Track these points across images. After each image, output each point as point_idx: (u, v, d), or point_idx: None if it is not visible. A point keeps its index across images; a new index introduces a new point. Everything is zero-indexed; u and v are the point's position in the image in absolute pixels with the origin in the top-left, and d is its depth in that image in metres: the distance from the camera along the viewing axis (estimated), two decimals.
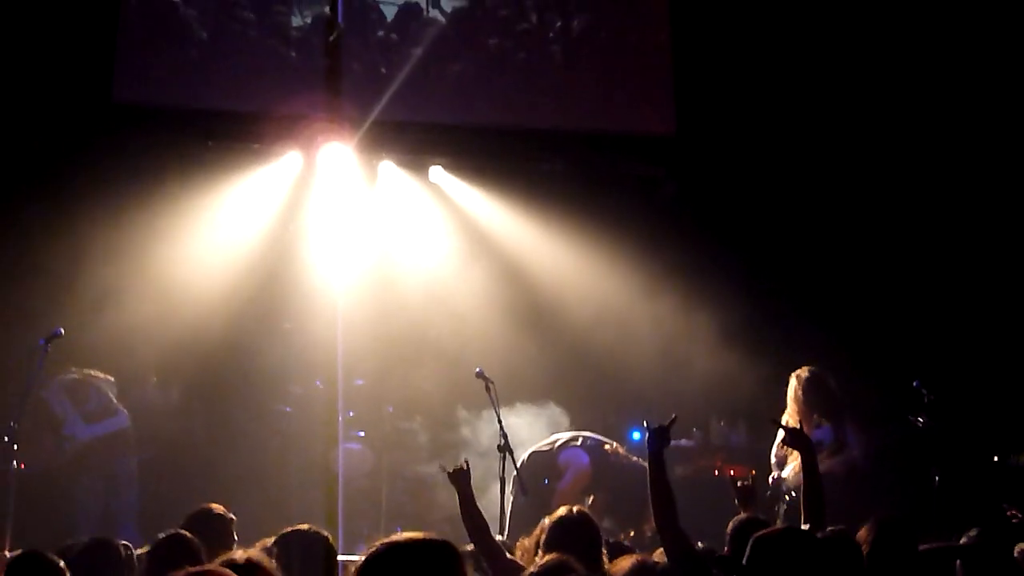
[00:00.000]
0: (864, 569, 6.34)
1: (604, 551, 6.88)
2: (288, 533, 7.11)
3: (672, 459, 11.71)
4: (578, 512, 7.12)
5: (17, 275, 12.24)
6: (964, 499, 11.03)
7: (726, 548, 6.78)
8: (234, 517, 7.43)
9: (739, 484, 7.74)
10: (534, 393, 12.22)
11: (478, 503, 8.70)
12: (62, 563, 6.11)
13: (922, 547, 6.82)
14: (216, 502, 7.76)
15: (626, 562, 6.37)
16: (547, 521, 7.07)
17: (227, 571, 4.27)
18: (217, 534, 7.15)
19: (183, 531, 6.81)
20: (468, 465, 7.69)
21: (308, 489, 12.50)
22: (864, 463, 10.67)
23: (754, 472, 10.99)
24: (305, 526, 7.21)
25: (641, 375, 12.98)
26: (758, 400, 12.10)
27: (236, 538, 7.28)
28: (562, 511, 7.11)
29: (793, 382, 10.57)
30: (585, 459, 11.06)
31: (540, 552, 6.88)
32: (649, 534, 10.84)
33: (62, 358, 11.39)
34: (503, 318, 13.05)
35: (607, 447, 11.19)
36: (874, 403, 12.25)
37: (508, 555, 7.19)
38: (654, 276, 13.13)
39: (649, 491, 6.87)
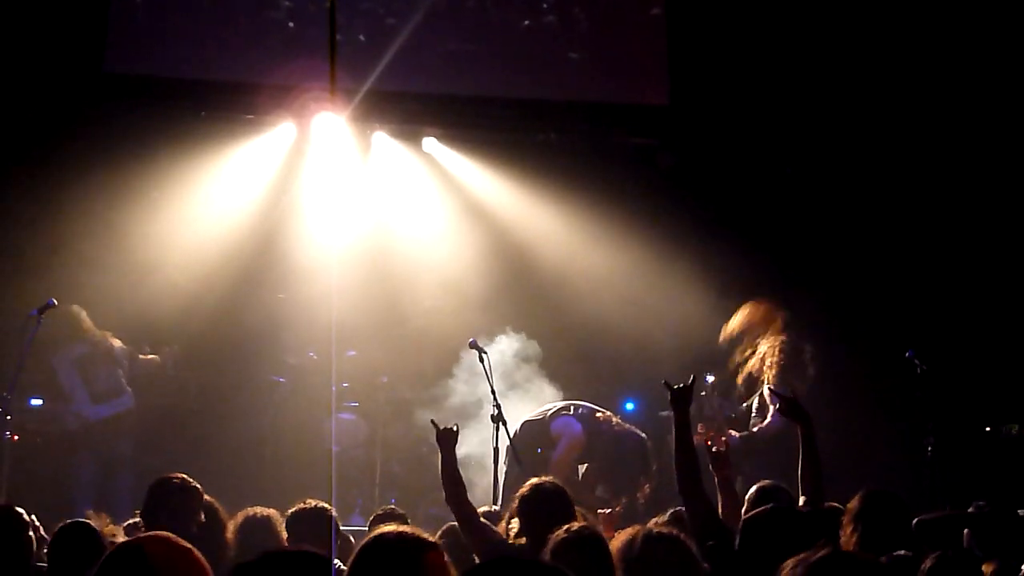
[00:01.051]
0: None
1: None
2: (297, 511, 7.18)
3: (665, 430, 11.80)
4: (550, 482, 7.16)
5: (9, 246, 12.24)
6: (957, 469, 11.08)
7: (743, 513, 6.74)
8: (199, 486, 7.39)
9: (713, 449, 7.67)
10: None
11: (473, 473, 8.73)
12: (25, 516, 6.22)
13: (928, 516, 6.81)
14: (209, 472, 7.78)
15: (629, 532, 6.29)
16: (522, 491, 7.12)
17: (170, 535, 4.34)
18: (177, 507, 7.15)
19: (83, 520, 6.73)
20: (458, 428, 7.67)
21: (302, 459, 12.52)
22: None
23: None
24: (312, 502, 7.28)
25: (635, 345, 12.99)
26: None
27: (203, 514, 7.27)
28: (535, 481, 7.14)
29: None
30: (578, 428, 11.06)
31: (515, 520, 6.94)
32: (643, 502, 10.88)
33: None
34: (496, 289, 13.04)
35: (599, 415, 11.19)
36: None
37: (486, 522, 7.20)
38: (648, 245, 13.12)
39: (674, 455, 6.84)
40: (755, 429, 10.86)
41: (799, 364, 11.07)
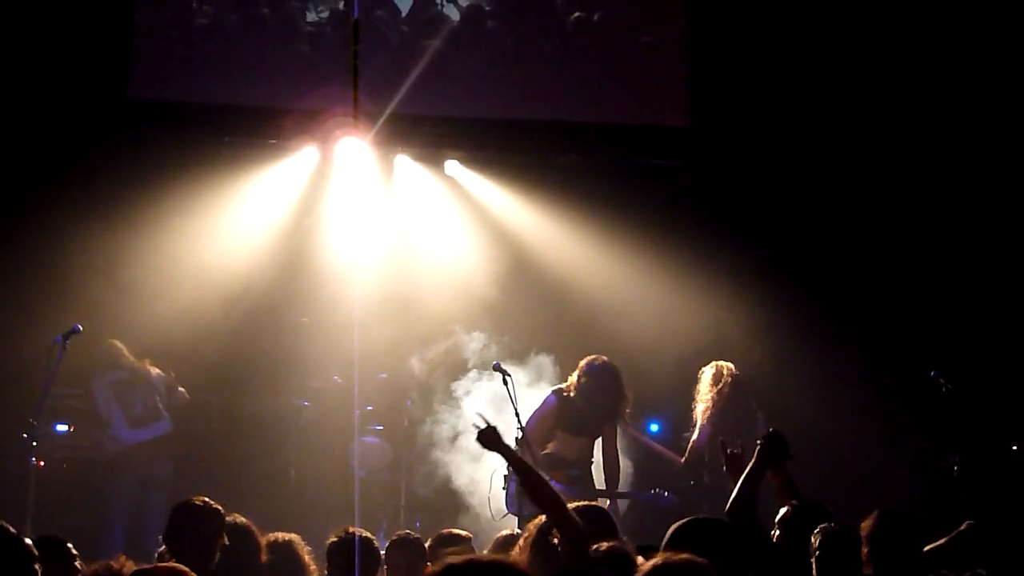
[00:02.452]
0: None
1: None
2: (335, 542, 7.14)
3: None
4: (595, 506, 7.12)
5: (35, 272, 12.31)
6: (983, 488, 11.03)
7: (776, 535, 6.69)
8: (220, 508, 7.33)
9: (728, 451, 7.59)
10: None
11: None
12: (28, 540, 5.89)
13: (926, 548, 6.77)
14: (234, 496, 7.76)
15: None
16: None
17: (181, 567, 4.31)
18: (199, 530, 7.11)
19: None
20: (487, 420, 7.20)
21: (326, 483, 12.54)
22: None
23: None
24: (354, 530, 7.25)
25: (659, 365, 12.97)
26: (772, 390, 12.11)
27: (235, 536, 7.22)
28: (580, 504, 7.05)
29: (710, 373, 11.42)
30: (547, 393, 11.12)
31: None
32: (628, 409, 11.24)
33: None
34: (520, 310, 13.05)
35: (561, 388, 11.23)
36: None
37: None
38: (671, 266, 13.12)
39: (737, 491, 6.74)
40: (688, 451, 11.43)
41: (728, 383, 11.41)
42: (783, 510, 6.81)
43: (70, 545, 6.86)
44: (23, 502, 10.25)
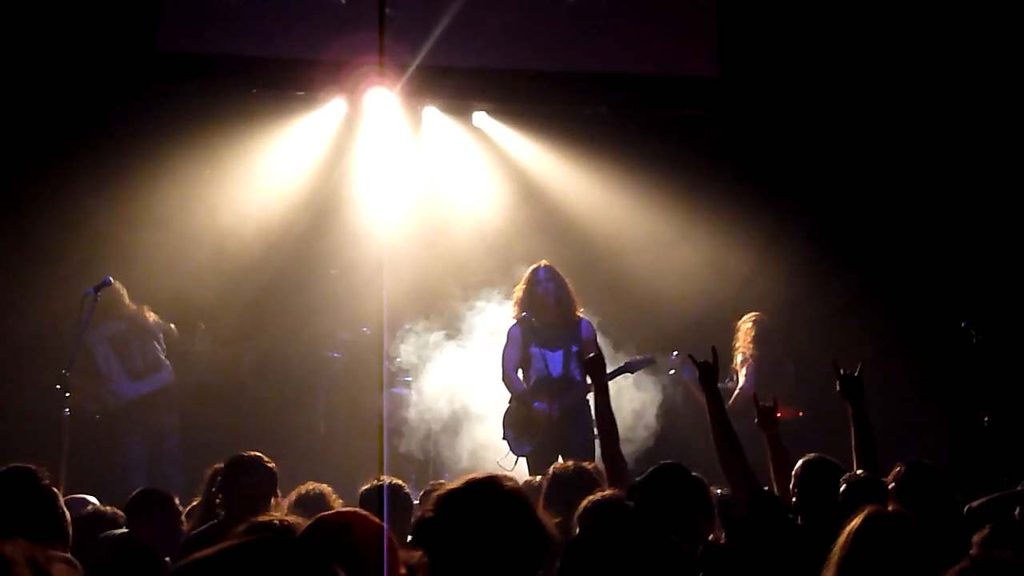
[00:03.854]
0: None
1: None
2: (367, 490, 7.19)
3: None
4: (570, 465, 7.22)
5: (66, 224, 12.36)
6: (1014, 440, 11.00)
7: (792, 487, 6.70)
8: (273, 467, 7.36)
9: (760, 404, 7.54)
10: None
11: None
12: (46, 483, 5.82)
13: (977, 502, 6.74)
14: (263, 448, 7.79)
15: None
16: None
17: (363, 511, 4.28)
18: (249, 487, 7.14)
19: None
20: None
21: (355, 434, 12.59)
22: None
23: (801, 413, 11.09)
24: (387, 479, 7.32)
25: (688, 317, 12.97)
26: (804, 341, 12.09)
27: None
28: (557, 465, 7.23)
29: (750, 325, 11.88)
30: (513, 328, 11.18)
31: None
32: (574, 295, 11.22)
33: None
34: (548, 262, 13.03)
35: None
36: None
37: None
38: (699, 219, 13.10)
39: (712, 432, 6.73)
40: (731, 400, 11.41)
41: (766, 335, 11.87)
42: (796, 465, 6.83)
43: (176, 500, 7.00)
44: (57, 452, 10.34)
